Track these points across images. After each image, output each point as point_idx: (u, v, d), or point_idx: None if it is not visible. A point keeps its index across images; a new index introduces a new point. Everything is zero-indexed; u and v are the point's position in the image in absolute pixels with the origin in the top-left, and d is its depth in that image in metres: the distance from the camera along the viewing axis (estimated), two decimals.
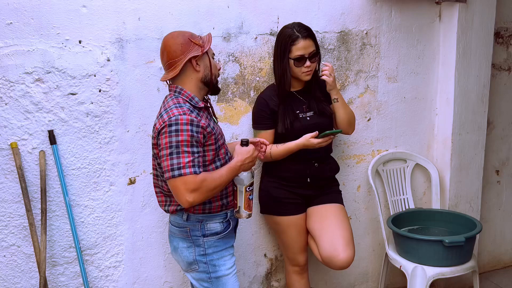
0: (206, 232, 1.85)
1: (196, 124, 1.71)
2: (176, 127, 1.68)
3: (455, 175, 2.80)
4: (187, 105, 1.77)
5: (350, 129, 2.36)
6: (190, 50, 1.78)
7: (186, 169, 1.67)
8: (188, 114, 1.71)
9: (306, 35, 2.14)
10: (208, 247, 1.85)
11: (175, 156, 1.67)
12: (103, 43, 2.07)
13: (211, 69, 1.84)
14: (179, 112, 1.71)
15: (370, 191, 2.76)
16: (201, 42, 1.81)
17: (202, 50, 1.79)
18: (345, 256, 2.17)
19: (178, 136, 1.67)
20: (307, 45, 2.14)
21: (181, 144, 1.67)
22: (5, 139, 2.00)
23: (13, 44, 1.95)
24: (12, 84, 1.98)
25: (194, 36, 1.82)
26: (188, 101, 1.79)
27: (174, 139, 1.68)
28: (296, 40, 2.13)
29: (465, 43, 2.69)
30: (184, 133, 1.68)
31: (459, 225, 2.56)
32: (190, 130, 1.69)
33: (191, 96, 1.80)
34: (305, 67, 2.16)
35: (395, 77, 2.71)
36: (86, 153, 2.12)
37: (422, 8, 2.69)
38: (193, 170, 1.67)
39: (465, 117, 2.77)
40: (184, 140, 1.67)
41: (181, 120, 1.69)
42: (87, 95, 2.09)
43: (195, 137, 1.70)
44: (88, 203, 2.16)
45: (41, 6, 1.96)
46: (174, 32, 1.85)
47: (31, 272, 2.10)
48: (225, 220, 1.89)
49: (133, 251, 2.26)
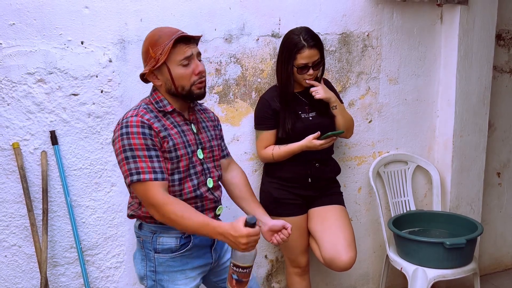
0: (157, 247, 1.63)
1: (148, 126, 1.55)
2: (126, 130, 1.54)
3: (456, 177, 2.80)
4: (149, 106, 1.63)
5: (348, 133, 2.38)
6: (147, 60, 1.63)
7: (146, 175, 1.52)
8: (140, 116, 1.57)
9: (312, 45, 2.11)
10: (159, 264, 1.63)
11: (131, 161, 1.53)
12: (105, 44, 2.08)
13: (173, 81, 1.61)
14: (132, 114, 1.58)
15: (371, 193, 2.76)
16: (159, 53, 1.58)
17: (155, 64, 1.59)
18: (347, 258, 2.17)
19: (130, 139, 1.53)
20: (312, 55, 2.13)
21: (136, 148, 1.53)
22: (7, 139, 2.00)
23: (15, 44, 1.95)
24: (14, 85, 1.98)
25: (157, 44, 1.60)
26: (153, 103, 1.65)
27: (126, 142, 1.53)
28: (302, 49, 2.11)
29: (467, 45, 2.69)
30: (135, 135, 1.53)
31: (460, 227, 2.56)
32: (143, 133, 1.54)
33: (159, 99, 1.65)
34: (308, 74, 2.17)
35: (396, 79, 2.71)
36: (88, 154, 2.13)
37: (424, 10, 2.70)
38: (153, 177, 1.52)
39: (466, 119, 2.77)
40: (137, 143, 1.53)
41: (131, 122, 1.55)
42: (89, 95, 2.09)
43: (148, 140, 1.54)
44: (90, 204, 2.16)
45: (44, 7, 1.97)
46: (149, 32, 1.67)
47: (32, 273, 2.11)
48: (183, 236, 1.63)
49: (134, 251, 2.26)
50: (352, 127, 2.39)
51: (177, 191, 1.64)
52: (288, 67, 2.17)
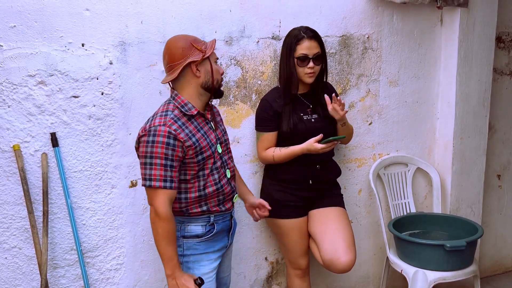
0: (185, 234, 1.85)
1: (173, 137, 1.70)
2: (153, 138, 1.69)
3: (456, 179, 2.80)
4: (175, 112, 1.76)
5: (348, 140, 2.46)
6: (190, 54, 1.76)
7: (157, 182, 1.70)
8: (168, 126, 1.71)
9: (311, 36, 2.17)
10: (187, 248, 1.85)
11: (148, 167, 1.71)
12: (105, 46, 2.08)
13: (213, 75, 1.80)
14: (159, 122, 1.72)
15: (371, 195, 2.76)
16: (204, 47, 1.78)
17: (203, 56, 1.76)
18: (347, 260, 2.17)
19: (153, 147, 1.69)
20: (312, 46, 2.16)
21: (155, 156, 1.69)
22: (8, 141, 2.00)
23: (16, 47, 1.96)
24: (15, 87, 1.98)
25: (197, 41, 1.80)
26: (179, 107, 1.78)
27: (149, 150, 1.70)
28: (301, 40, 2.16)
29: (467, 47, 2.69)
30: (159, 145, 1.69)
31: (460, 229, 2.56)
32: (167, 143, 1.69)
33: (183, 103, 1.78)
34: (308, 67, 2.17)
35: (396, 81, 2.72)
36: (88, 156, 2.13)
37: (424, 13, 2.70)
38: (163, 185, 1.70)
39: (466, 121, 2.77)
40: (159, 152, 1.69)
41: (159, 131, 1.70)
42: (90, 98, 2.09)
43: (170, 150, 1.70)
44: (90, 206, 2.16)
45: (45, 9, 1.98)
46: (178, 35, 1.85)
47: (32, 274, 2.11)
48: (209, 223, 1.86)
49: (134, 254, 2.26)
50: (352, 135, 2.45)
51: (201, 186, 1.82)
52: (289, 61, 2.19)
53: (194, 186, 1.81)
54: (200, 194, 1.83)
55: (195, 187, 1.82)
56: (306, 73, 2.18)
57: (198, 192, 1.82)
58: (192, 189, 1.82)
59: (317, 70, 2.21)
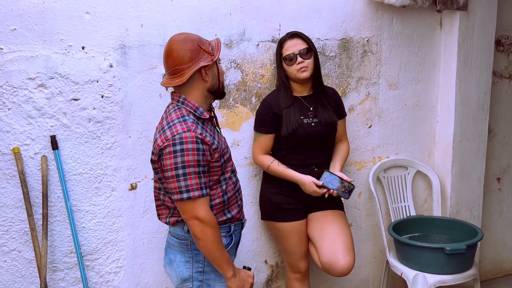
0: None
1: (201, 141, 1.59)
2: (181, 147, 1.56)
3: (456, 182, 2.80)
4: (191, 117, 1.65)
5: None
6: (199, 58, 1.64)
7: (195, 192, 1.58)
8: (192, 131, 1.59)
9: (292, 35, 2.25)
10: (208, 264, 1.71)
11: (182, 178, 1.57)
12: (106, 49, 2.09)
13: (219, 78, 1.72)
14: (183, 128, 1.59)
15: (371, 198, 2.76)
16: (211, 49, 1.68)
17: (212, 58, 1.66)
18: (345, 263, 2.17)
19: (184, 156, 1.56)
20: (295, 44, 2.22)
21: (188, 165, 1.56)
22: (8, 144, 2.00)
23: (16, 50, 1.96)
24: (15, 90, 1.99)
25: (202, 42, 1.68)
26: (192, 111, 1.67)
27: (179, 160, 1.56)
28: (283, 42, 2.26)
29: (466, 50, 2.70)
30: (190, 152, 1.56)
31: (460, 233, 2.56)
32: (197, 149, 1.57)
33: (195, 107, 1.67)
34: (297, 63, 2.19)
35: (396, 84, 2.72)
36: (88, 159, 2.13)
37: (423, 16, 2.71)
38: (201, 193, 1.60)
39: (466, 125, 2.77)
40: (190, 160, 1.56)
41: (186, 138, 1.57)
42: (90, 100, 2.10)
43: (201, 156, 1.59)
44: (89, 209, 2.16)
45: (45, 12, 1.98)
46: (181, 34, 1.70)
47: (31, 277, 2.10)
48: (228, 234, 1.78)
49: (133, 257, 2.26)
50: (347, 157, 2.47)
51: (223, 191, 1.74)
52: (281, 65, 2.26)
53: (217, 192, 1.72)
54: (223, 200, 1.73)
55: (218, 192, 1.72)
56: (297, 69, 2.20)
57: (222, 197, 1.72)
58: (216, 195, 1.71)
59: (309, 64, 2.21)
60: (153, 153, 1.66)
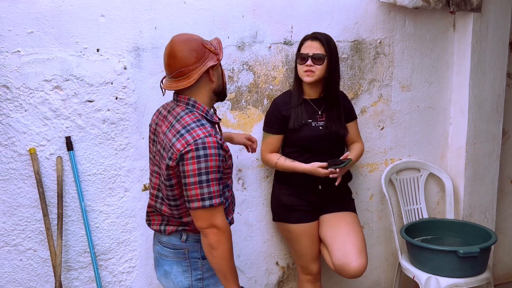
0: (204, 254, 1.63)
1: (220, 147, 1.55)
2: (204, 152, 1.50)
3: (469, 185, 2.77)
4: (205, 121, 1.59)
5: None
6: (205, 58, 1.59)
7: (217, 199, 1.53)
8: (213, 136, 1.54)
9: (313, 37, 2.23)
10: (206, 270, 1.67)
11: (205, 185, 1.51)
12: (120, 51, 2.11)
13: (223, 78, 1.70)
14: (204, 133, 1.53)
15: (383, 200, 2.74)
16: (214, 48, 1.63)
17: (218, 58, 1.62)
18: (358, 265, 2.16)
19: (208, 161, 1.50)
20: (313, 46, 2.21)
21: (211, 171, 1.51)
22: (24, 145, 2.04)
23: (33, 52, 2.00)
24: (32, 91, 2.02)
25: (205, 41, 1.64)
26: (204, 115, 1.62)
27: (203, 165, 1.50)
28: (304, 41, 2.25)
29: (480, 52, 2.68)
30: (213, 157, 1.51)
31: (474, 236, 2.53)
32: (218, 154, 1.53)
33: (206, 110, 1.63)
34: (306, 65, 2.19)
35: (408, 86, 2.71)
36: (102, 159, 2.16)
37: (436, 18, 2.69)
38: (221, 201, 1.55)
39: (479, 127, 2.74)
40: (213, 166, 1.51)
41: (209, 143, 1.51)
42: (104, 102, 2.12)
43: (221, 161, 1.55)
44: (103, 209, 2.19)
45: (61, 15, 2.01)
46: (182, 34, 1.65)
47: (46, 276, 2.13)
48: None
49: (146, 257, 2.28)
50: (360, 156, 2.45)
51: (226, 197, 1.69)
52: (296, 63, 2.26)
53: None
54: (226, 206, 1.70)
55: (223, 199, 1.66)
56: (304, 70, 2.20)
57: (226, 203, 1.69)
58: None
59: (318, 70, 2.19)
60: (171, 158, 1.55)
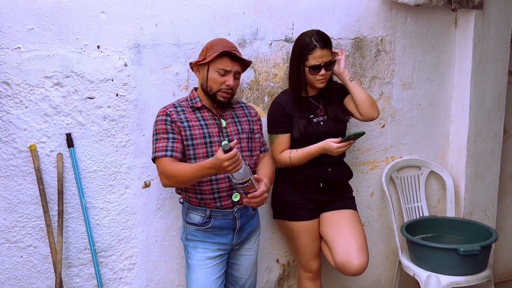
0: (187, 220, 2.01)
1: (167, 114, 1.93)
2: (156, 118, 1.95)
3: (470, 183, 2.77)
4: (182, 103, 2.00)
5: (373, 109, 2.24)
6: (200, 55, 1.99)
7: (158, 153, 1.89)
8: (166, 108, 1.96)
9: (323, 46, 2.14)
10: (189, 233, 2.01)
11: (153, 142, 1.93)
12: (120, 48, 2.11)
13: (207, 81, 1.95)
14: (163, 106, 1.98)
15: (384, 198, 2.74)
16: (209, 54, 1.92)
17: (201, 60, 1.94)
18: (359, 262, 2.16)
19: (156, 125, 1.94)
20: (324, 55, 2.14)
21: (158, 132, 1.92)
22: (25, 141, 2.04)
23: (33, 49, 1.99)
24: (32, 88, 2.02)
25: (212, 48, 1.94)
26: (188, 100, 2.01)
27: (154, 128, 1.95)
28: (313, 50, 2.13)
29: (481, 50, 2.67)
30: (159, 122, 1.93)
31: (474, 234, 2.53)
32: (164, 120, 1.92)
33: (193, 97, 2.02)
34: (320, 75, 2.17)
35: (410, 83, 2.70)
36: (103, 156, 2.16)
37: (438, 15, 2.69)
38: (163, 154, 1.88)
39: (480, 125, 2.74)
40: (159, 128, 1.92)
41: (159, 112, 1.96)
42: (105, 99, 2.12)
43: (169, 125, 1.91)
44: (104, 206, 2.19)
45: (62, 12, 2.01)
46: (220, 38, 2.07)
47: (47, 273, 2.13)
48: (205, 216, 1.97)
49: (146, 254, 2.28)
50: (375, 102, 2.27)
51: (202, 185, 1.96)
52: (300, 69, 2.18)
53: None
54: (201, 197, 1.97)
55: None
56: (318, 79, 2.18)
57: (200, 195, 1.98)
58: None
59: (329, 75, 2.21)
60: None
